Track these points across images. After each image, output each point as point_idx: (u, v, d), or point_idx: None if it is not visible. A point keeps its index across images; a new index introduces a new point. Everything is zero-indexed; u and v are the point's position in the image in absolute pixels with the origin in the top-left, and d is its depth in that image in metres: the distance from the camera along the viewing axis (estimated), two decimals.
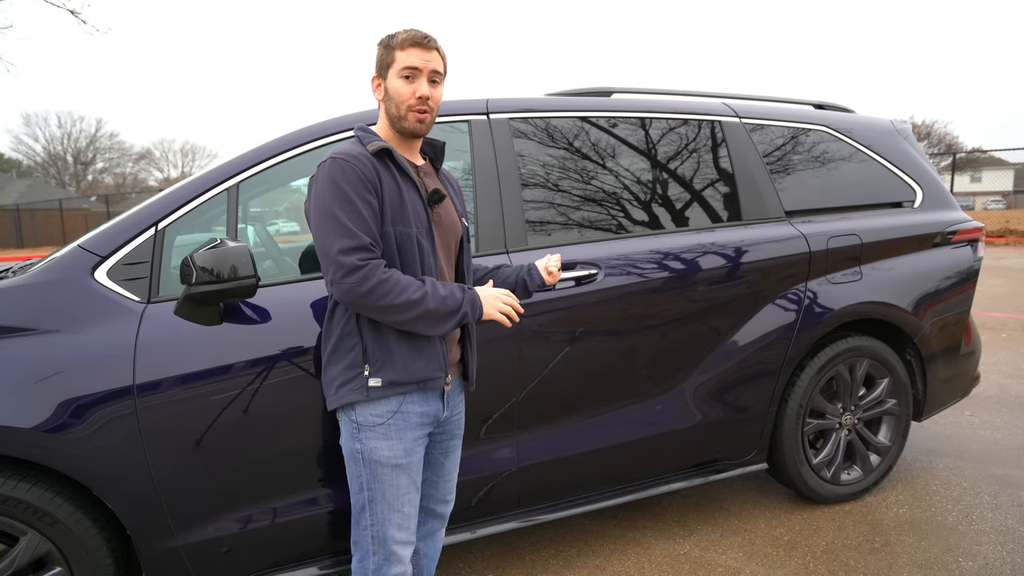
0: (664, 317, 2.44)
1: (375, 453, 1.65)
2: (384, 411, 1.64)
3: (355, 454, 1.67)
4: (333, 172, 1.55)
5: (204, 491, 1.91)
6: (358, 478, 1.68)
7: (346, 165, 1.56)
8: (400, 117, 1.65)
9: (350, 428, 1.67)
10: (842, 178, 2.95)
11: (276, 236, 3.04)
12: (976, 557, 2.50)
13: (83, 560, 1.82)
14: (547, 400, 2.31)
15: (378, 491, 1.66)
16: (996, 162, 42.18)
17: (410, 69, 1.63)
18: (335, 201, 1.54)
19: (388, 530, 1.68)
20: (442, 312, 1.59)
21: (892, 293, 2.83)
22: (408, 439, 1.67)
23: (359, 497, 1.69)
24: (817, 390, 2.79)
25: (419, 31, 1.65)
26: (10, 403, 1.71)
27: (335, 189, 1.54)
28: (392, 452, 1.65)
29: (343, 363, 1.64)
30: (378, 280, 1.52)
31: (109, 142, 52.19)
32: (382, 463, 1.65)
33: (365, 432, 1.65)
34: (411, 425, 1.68)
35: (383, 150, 1.62)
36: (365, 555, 1.71)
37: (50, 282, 1.86)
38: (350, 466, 1.70)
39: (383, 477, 1.66)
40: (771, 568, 2.48)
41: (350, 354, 1.63)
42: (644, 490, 2.55)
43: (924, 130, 36.65)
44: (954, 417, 4.01)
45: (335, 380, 1.66)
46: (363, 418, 1.64)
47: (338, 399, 1.65)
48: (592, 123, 2.56)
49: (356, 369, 1.63)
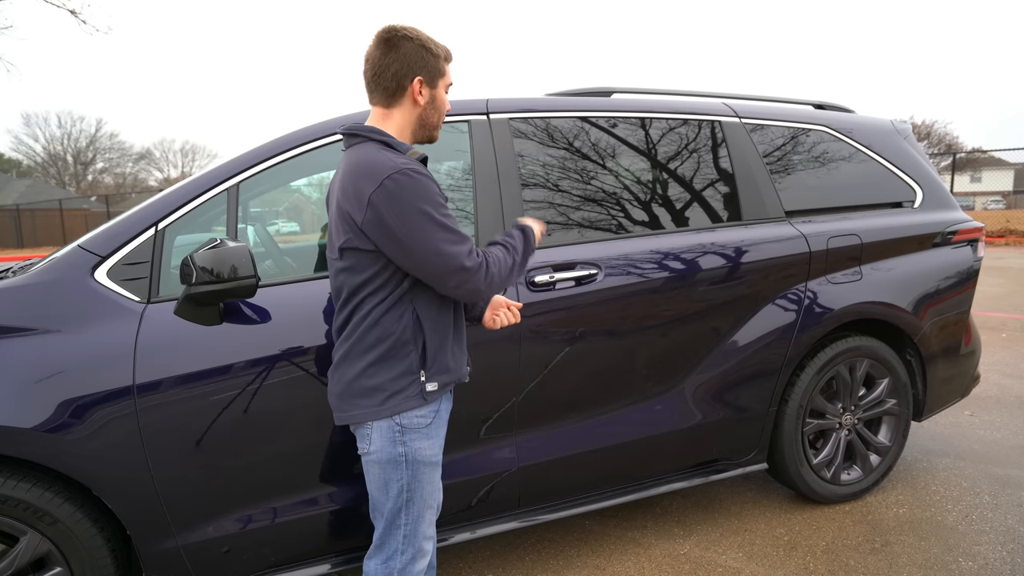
0: (664, 317, 2.44)
1: (419, 454, 1.63)
2: (429, 411, 1.65)
3: (396, 458, 1.61)
4: (415, 184, 1.51)
5: (204, 491, 1.91)
6: (398, 482, 1.63)
7: (420, 176, 1.53)
8: (434, 127, 1.72)
9: (391, 433, 1.60)
10: (842, 178, 2.95)
11: (276, 236, 3.04)
12: (976, 557, 2.50)
13: (83, 560, 1.82)
14: (547, 400, 2.31)
15: (418, 491, 1.65)
16: (996, 162, 42.14)
17: (450, 85, 1.71)
18: (430, 209, 1.51)
19: (420, 527, 1.68)
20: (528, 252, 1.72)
21: (892, 293, 2.83)
22: (442, 435, 1.71)
23: (397, 501, 1.64)
24: (817, 390, 2.79)
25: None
26: (10, 403, 1.72)
27: (430, 201, 1.52)
28: (433, 450, 1.67)
29: (395, 371, 1.59)
30: (492, 263, 1.59)
31: (109, 142, 52.27)
32: (425, 462, 1.65)
33: (410, 434, 1.61)
34: (443, 421, 1.71)
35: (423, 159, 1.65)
36: (392, 555, 1.67)
37: (50, 282, 1.86)
38: (386, 471, 1.63)
39: (424, 476, 1.65)
40: (771, 568, 2.48)
41: (405, 361, 1.59)
42: (644, 490, 2.55)
43: (924, 130, 36.65)
44: (954, 417, 4.01)
45: (380, 390, 1.59)
46: (408, 421, 1.61)
47: (387, 410, 1.59)
48: (592, 123, 2.56)
49: (411, 376, 1.60)
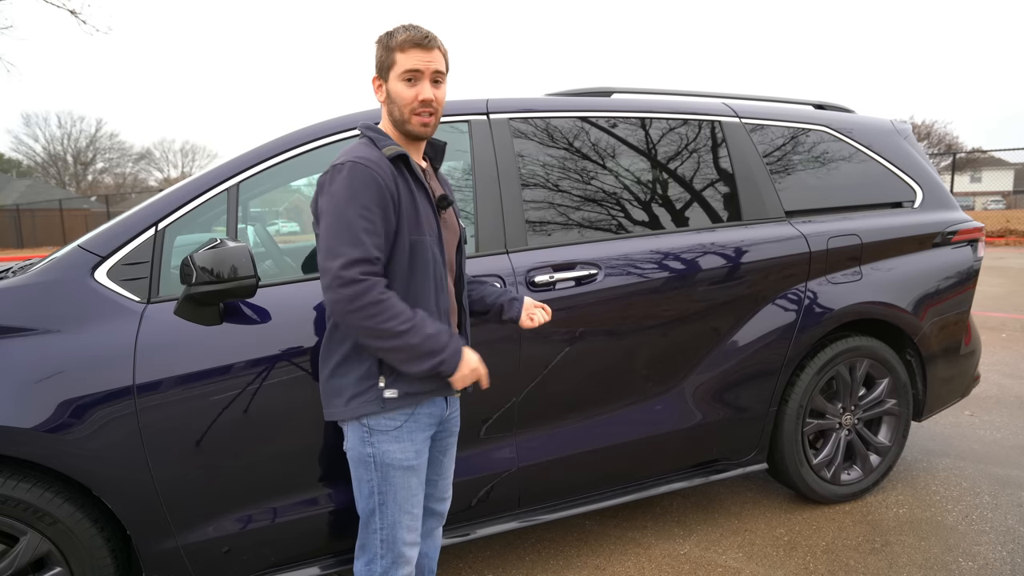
0: (664, 317, 2.44)
1: (388, 456, 1.62)
2: (399, 415, 1.62)
3: (366, 458, 1.63)
4: (353, 176, 1.49)
5: (204, 491, 1.91)
6: (368, 482, 1.64)
7: (367, 170, 1.50)
8: (404, 120, 1.62)
9: (360, 433, 1.62)
10: (842, 178, 2.95)
11: (276, 236, 3.04)
12: (976, 557, 2.50)
13: (83, 560, 1.82)
14: (547, 400, 2.31)
15: (389, 494, 1.64)
16: (996, 162, 42.10)
17: (412, 72, 1.58)
18: (351, 207, 1.47)
19: (398, 532, 1.66)
20: (422, 353, 1.52)
21: (892, 293, 2.83)
22: (418, 440, 1.66)
23: (369, 501, 1.66)
24: (817, 390, 2.78)
25: (418, 30, 1.59)
26: (10, 403, 1.71)
27: (352, 194, 1.48)
28: (404, 455, 1.63)
29: (355, 374, 1.60)
30: (374, 299, 1.46)
31: (109, 142, 52.23)
32: (394, 466, 1.63)
33: (378, 436, 1.61)
34: (421, 427, 1.67)
35: (400, 155, 1.59)
36: (373, 558, 1.68)
37: (50, 282, 1.86)
38: (358, 470, 1.66)
39: (395, 480, 1.63)
40: (771, 568, 2.48)
41: (364, 365, 1.59)
42: (644, 490, 2.55)
43: (924, 130, 36.64)
44: (954, 417, 4.01)
45: (345, 391, 1.61)
46: (376, 423, 1.61)
47: (351, 411, 1.60)
48: (592, 123, 2.55)
49: (370, 380, 1.59)
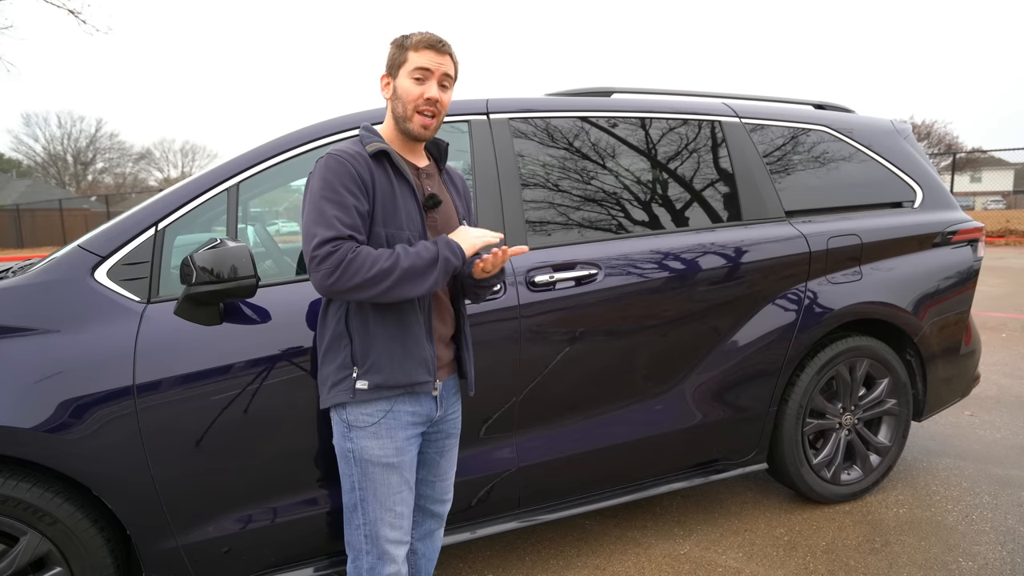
0: (664, 317, 2.44)
1: (366, 452, 1.65)
2: (375, 411, 1.64)
3: (346, 453, 1.68)
4: (327, 167, 1.57)
5: (204, 491, 1.91)
6: (349, 477, 1.69)
7: (339, 161, 1.57)
8: (406, 118, 1.65)
9: (341, 427, 1.68)
10: (842, 178, 2.95)
11: (276, 236, 3.04)
12: (976, 557, 2.50)
13: (83, 560, 1.82)
14: (547, 400, 2.31)
15: (369, 490, 1.67)
16: (996, 162, 42.13)
17: (422, 71, 1.63)
18: (322, 193, 1.54)
19: (381, 529, 1.68)
20: (421, 265, 1.53)
21: (892, 293, 2.83)
22: (399, 438, 1.67)
23: (351, 496, 1.70)
24: (817, 390, 2.78)
25: (434, 34, 1.66)
26: (10, 403, 1.71)
27: (324, 183, 1.55)
28: (383, 451, 1.65)
29: (335, 363, 1.65)
30: (348, 259, 1.47)
31: (109, 142, 52.23)
32: (373, 462, 1.65)
33: (356, 431, 1.65)
34: (402, 424, 1.67)
35: (381, 151, 1.63)
36: (358, 555, 1.71)
37: (50, 282, 1.86)
38: (342, 465, 1.71)
39: (374, 476, 1.66)
40: (771, 568, 2.48)
41: (341, 354, 1.64)
42: (644, 490, 2.55)
43: (924, 130, 36.59)
44: (954, 417, 4.01)
45: (327, 379, 1.66)
46: (354, 418, 1.65)
47: (330, 399, 1.66)
48: (592, 123, 2.55)
49: (346, 370, 1.63)
